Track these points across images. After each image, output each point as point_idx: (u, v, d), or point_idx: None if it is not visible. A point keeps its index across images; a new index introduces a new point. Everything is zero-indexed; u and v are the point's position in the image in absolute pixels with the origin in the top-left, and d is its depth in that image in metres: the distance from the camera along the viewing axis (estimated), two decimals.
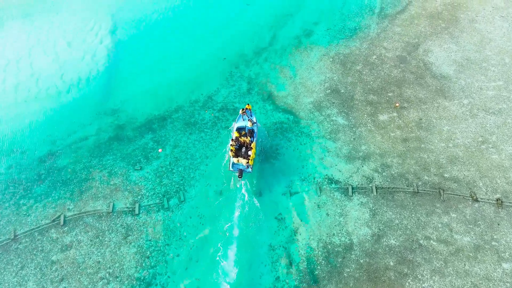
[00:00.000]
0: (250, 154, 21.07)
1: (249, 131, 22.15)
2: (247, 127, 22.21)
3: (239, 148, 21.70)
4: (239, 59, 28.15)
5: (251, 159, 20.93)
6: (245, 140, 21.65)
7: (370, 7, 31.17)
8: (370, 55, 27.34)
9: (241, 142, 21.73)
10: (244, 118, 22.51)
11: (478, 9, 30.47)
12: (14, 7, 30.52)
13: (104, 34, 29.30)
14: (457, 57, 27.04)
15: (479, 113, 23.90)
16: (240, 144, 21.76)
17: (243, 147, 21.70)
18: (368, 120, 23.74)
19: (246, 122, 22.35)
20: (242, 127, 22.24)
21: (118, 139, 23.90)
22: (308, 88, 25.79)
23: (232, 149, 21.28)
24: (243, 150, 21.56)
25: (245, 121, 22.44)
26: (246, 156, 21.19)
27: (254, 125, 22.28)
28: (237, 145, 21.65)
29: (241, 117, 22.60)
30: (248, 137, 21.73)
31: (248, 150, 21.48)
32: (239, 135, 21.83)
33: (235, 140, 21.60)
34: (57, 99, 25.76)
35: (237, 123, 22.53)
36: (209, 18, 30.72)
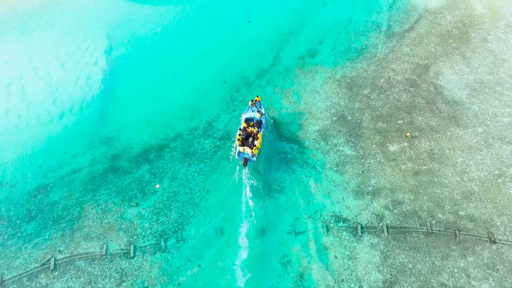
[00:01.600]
0: (256, 144, 21.70)
1: (257, 122, 22.93)
2: (255, 118, 23.02)
3: (246, 138, 22.40)
4: (240, 82, 26.84)
5: (255, 148, 21.56)
6: (253, 131, 22.38)
7: (377, 25, 29.86)
8: (378, 78, 26.05)
9: (248, 132, 22.42)
10: (253, 109, 23.42)
11: (490, 27, 29.17)
12: (4, 25, 29.36)
13: (99, 55, 27.98)
14: (469, 80, 25.75)
15: (494, 142, 22.63)
16: (247, 134, 22.45)
17: (250, 137, 22.41)
18: (377, 151, 22.47)
19: (255, 113, 23.18)
20: (251, 118, 23.21)
21: (113, 171, 22.62)
22: (313, 114, 24.49)
23: (239, 139, 22.04)
24: (250, 140, 22.28)
25: (254, 112, 23.36)
26: (252, 146, 21.77)
27: (263, 116, 23.11)
28: (244, 135, 22.35)
29: (250, 108, 23.57)
30: (255, 127, 22.45)
31: (254, 140, 22.10)
32: (247, 126, 22.64)
33: (243, 130, 22.36)
34: (49, 126, 24.43)
35: (246, 114, 23.59)
36: (209, 38, 29.35)
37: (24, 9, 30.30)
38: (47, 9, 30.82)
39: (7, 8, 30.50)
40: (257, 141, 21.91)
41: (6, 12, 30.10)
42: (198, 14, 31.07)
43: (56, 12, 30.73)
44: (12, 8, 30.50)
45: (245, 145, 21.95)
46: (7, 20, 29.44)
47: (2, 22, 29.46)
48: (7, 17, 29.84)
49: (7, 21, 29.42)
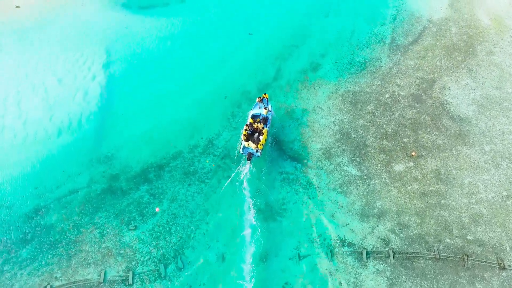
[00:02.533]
0: (261, 139, 22.31)
1: (263, 118, 23.35)
2: (262, 115, 23.44)
3: (252, 133, 22.89)
4: (242, 97, 26.24)
5: (260, 143, 22.17)
6: (258, 127, 22.90)
7: (381, 37, 29.25)
8: (383, 94, 25.49)
9: (254, 128, 22.92)
10: (260, 105, 23.93)
11: (496, 39, 28.57)
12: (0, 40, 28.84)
13: (97, 69, 27.37)
14: (475, 96, 25.18)
15: (502, 162, 22.07)
16: (253, 129, 22.94)
17: (255, 133, 22.89)
18: (382, 171, 21.91)
19: (262, 110, 23.62)
20: (257, 114, 23.68)
21: (111, 192, 22.03)
22: (316, 132, 23.94)
23: (245, 134, 22.49)
24: (255, 135, 22.75)
25: (260, 109, 23.79)
26: (257, 141, 22.26)
27: (269, 113, 23.65)
28: (250, 131, 22.84)
29: (257, 104, 24.05)
30: (261, 124, 22.99)
31: (260, 135, 22.67)
32: (253, 121, 23.17)
33: (249, 126, 22.90)
34: (46, 144, 23.82)
35: (253, 110, 24.07)
36: (209, 51, 28.74)
37: (20, 23, 29.74)
38: (44, 22, 30.27)
39: (2, 22, 30.01)
40: (262, 137, 22.54)
41: (2, 26, 29.61)
42: (198, 26, 30.46)
43: (53, 25, 30.15)
44: (7, 22, 29.96)
45: (250, 140, 22.45)
46: (2, 34, 28.92)
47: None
48: (3, 31, 29.35)
49: (3, 35, 28.90)
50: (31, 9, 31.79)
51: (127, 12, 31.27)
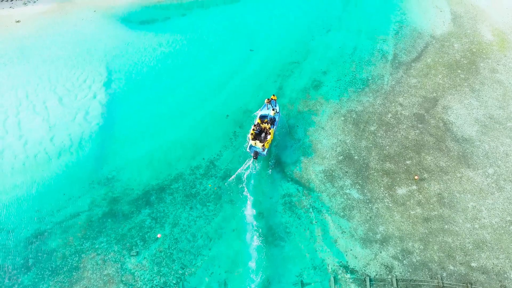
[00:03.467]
0: (268, 138, 23.37)
1: (271, 119, 24.30)
2: (269, 115, 24.42)
3: (259, 133, 23.97)
4: (243, 116, 26.11)
5: (266, 142, 23.12)
6: (266, 127, 23.94)
7: (383, 54, 29.12)
8: (385, 113, 25.35)
9: (261, 128, 24.02)
10: (268, 107, 24.90)
11: (499, 56, 28.42)
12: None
13: (98, 88, 27.26)
14: (479, 115, 25.05)
15: (506, 185, 21.93)
16: (261, 129, 24.03)
17: (262, 133, 23.98)
18: (385, 195, 21.79)
19: (270, 111, 24.61)
20: (265, 115, 24.72)
21: (112, 215, 21.92)
22: (319, 153, 23.81)
23: (252, 133, 23.52)
24: (262, 135, 23.85)
25: (268, 110, 24.81)
26: (263, 141, 23.35)
27: (276, 114, 24.60)
28: (258, 130, 23.92)
29: (265, 106, 25.01)
30: (268, 124, 23.97)
31: (266, 135, 23.75)
32: (261, 122, 24.22)
33: (256, 126, 23.96)
34: (47, 166, 23.72)
35: (261, 111, 25.02)
36: (210, 69, 28.65)
37: (21, 39, 29.63)
38: (44, 38, 30.19)
39: (3, 38, 29.84)
40: (269, 137, 23.53)
41: (2, 43, 29.44)
42: (198, 42, 30.38)
43: (54, 41, 30.08)
44: (8, 37, 29.80)
45: (257, 140, 23.29)
46: (3, 52, 28.75)
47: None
48: (3, 47, 29.18)
49: (3, 52, 28.73)
50: (31, 24, 31.73)
51: (128, 27, 31.22)
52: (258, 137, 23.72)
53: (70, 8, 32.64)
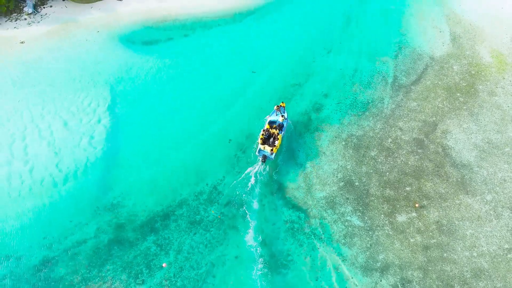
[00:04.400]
0: (276, 143, 24.67)
1: (279, 125, 25.75)
2: (278, 121, 25.84)
3: (267, 137, 25.24)
4: (245, 141, 26.46)
5: (275, 148, 24.50)
6: (274, 132, 25.28)
7: (383, 76, 29.49)
8: (385, 138, 25.76)
9: (270, 133, 25.31)
10: (277, 113, 26.26)
11: (498, 78, 28.80)
12: (4, 83, 28.98)
13: (102, 112, 27.63)
14: (477, 140, 25.45)
15: (504, 212, 22.38)
16: (269, 134, 25.31)
17: (271, 138, 25.23)
18: (385, 222, 22.23)
19: (278, 117, 26.01)
20: (274, 121, 26.14)
21: (118, 242, 22.37)
22: (320, 178, 24.24)
23: (262, 138, 24.82)
24: (271, 140, 25.10)
25: (277, 116, 26.16)
26: (272, 145, 24.58)
27: (285, 120, 26.02)
28: (266, 135, 25.19)
29: (274, 112, 26.39)
30: (277, 130, 25.36)
31: (275, 140, 24.92)
32: (269, 127, 25.59)
33: (265, 131, 25.28)
34: (53, 192, 24.11)
35: (270, 116, 26.37)
36: (213, 91, 28.97)
37: (25, 64, 29.95)
38: (49, 60, 30.50)
39: (7, 59, 30.20)
40: (277, 142, 24.82)
41: (7, 65, 29.81)
42: (200, 63, 30.72)
43: (58, 63, 30.40)
44: (13, 59, 30.15)
45: (266, 144, 24.64)
46: (8, 77, 29.13)
47: (2, 79, 29.24)
48: (9, 70, 29.56)
49: (8, 77, 29.12)
50: (35, 45, 32.01)
51: (131, 48, 31.50)
52: (267, 141, 25.16)
53: (74, 28, 32.95)
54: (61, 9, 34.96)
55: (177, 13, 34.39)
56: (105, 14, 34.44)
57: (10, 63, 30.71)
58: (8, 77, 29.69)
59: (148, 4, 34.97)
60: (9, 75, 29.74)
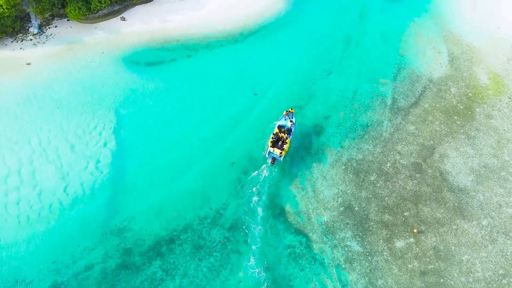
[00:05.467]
0: (285, 147, 26.17)
1: (288, 129, 27.20)
2: (287, 126, 27.34)
3: (276, 141, 26.65)
4: (248, 163, 27.15)
5: (284, 151, 26.04)
6: (283, 136, 26.73)
7: (382, 98, 30.13)
8: (384, 162, 26.42)
9: (279, 137, 26.70)
10: (286, 118, 27.81)
11: (494, 101, 29.45)
12: (12, 107, 29.67)
13: (108, 135, 28.28)
14: (474, 164, 26.11)
15: (498, 237, 23.06)
16: (278, 138, 26.75)
17: (280, 141, 26.64)
18: (384, 247, 22.92)
19: (287, 122, 27.45)
20: (283, 125, 27.58)
21: (125, 267, 23.06)
22: (321, 203, 24.90)
23: (271, 141, 26.33)
24: (280, 143, 26.51)
25: (286, 121, 27.62)
26: (281, 148, 25.92)
27: (293, 125, 27.47)
28: (276, 139, 26.64)
29: (283, 117, 27.97)
30: (285, 134, 26.80)
31: (283, 144, 26.32)
32: (278, 131, 27.01)
33: (275, 134, 26.76)
34: (61, 217, 24.82)
35: (279, 121, 27.83)
36: (216, 114, 29.60)
37: (32, 87, 30.57)
38: (55, 81, 31.12)
39: (14, 87, 30.80)
40: (285, 145, 26.33)
41: (14, 91, 30.42)
42: (205, 87, 31.34)
43: (64, 84, 31.05)
44: (20, 86, 30.75)
45: (275, 147, 26.12)
46: (16, 101, 29.76)
47: (11, 101, 29.92)
48: (14, 96, 30.19)
49: (16, 101, 29.74)
50: (41, 67, 32.61)
51: (135, 70, 32.12)
52: (276, 144, 26.58)
53: (78, 49, 33.56)
54: (66, 29, 35.63)
55: (180, 34, 35.05)
56: (109, 35, 35.10)
57: (17, 85, 31.32)
58: (16, 99, 30.35)
59: (151, 25, 35.63)
60: (17, 97, 30.41)
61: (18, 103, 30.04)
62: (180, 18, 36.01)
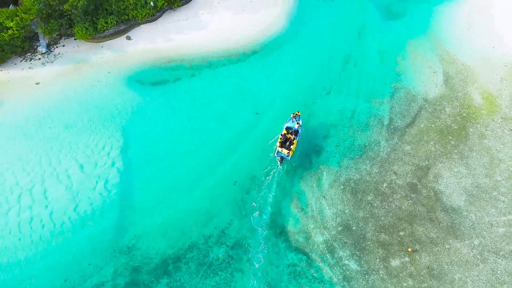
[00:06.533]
0: (292, 148, 28.22)
1: (295, 131, 29.30)
2: (294, 128, 29.48)
3: (285, 141, 28.78)
4: (250, 183, 28.28)
5: (291, 151, 28.14)
6: (290, 137, 28.82)
7: (379, 118, 31.23)
8: (381, 183, 27.55)
9: (287, 138, 28.81)
10: (293, 120, 29.94)
11: (487, 121, 30.55)
12: (22, 125, 30.85)
13: (116, 155, 29.43)
14: (467, 184, 27.23)
15: (489, 256, 24.21)
16: (286, 138, 28.85)
17: (288, 141, 28.74)
18: (380, 266, 24.08)
19: (294, 124, 29.63)
20: (290, 127, 29.71)
21: (134, 285, 24.21)
22: (320, 223, 26.06)
23: (280, 141, 28.49)
24: (287, 143, 28.62)
25: (293, 123, 29.76)
26: (288, 148, 28.05)
27: (300, 127, 29.63)
28: (284, 139, 28.76)
29: (291, 119, 30.06)
30: (293, 135, 28.91)
31: (290, 144, 28.42)
32: (286, 132, 28.95)
33: (283, 135, 28.79)
34: (72, 235, 26.04)
35: (287, 123, 30.00)
36: (220, 133, 30.73)
37: (42, 107, 31.75)
38: (64, 105, 32.33)
39: (24, 107, 31.94)
40: (292, 146, 28.41)
41: (24, 111, 31.56)
42: (208, 107, 32.49)
43: (72, 104, 32.26)
44: (30, 106, 31.90)
45: (283, 147, 28.31)
46: (26, 120, 30.87)
47: (22, 121, 31.03)
48: (25, 116, 31.32)
49: (27, 121, 30.85)
50: (50, 86, 33.82)
51: (141, 90, 33.30)
52: (284, 144, 28.65)
53: (85, 69, 34.69)
54: (73, 48, 36.76)
55: (184, 53, 36.17)
56: (115, 54, 36.23)
57: (28, 104, 32.53)
58: (28, 119, 31.58)
59: (156, 44, 36.75)
60: (28, 117, 31.63)
61: (29, 123, 31.28)
62: (184, 37, 37.14)
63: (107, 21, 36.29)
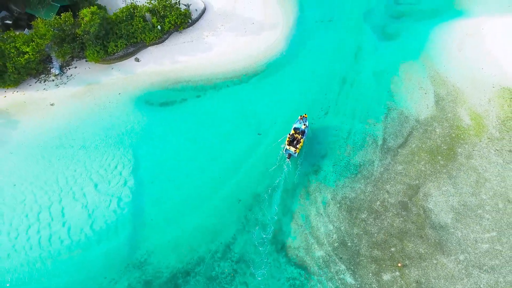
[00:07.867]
0: (298, 146, 31.68)
1: (301, 131, 32.93)
2: (301, 128, 33.09)
3: (292, 140, 32.53)
4: (253, 201, 30.40)
5: (298, 148, 31.67)
6: (297, 137, 32.51)
7: (373, 139, 33.29)
8: (374, 201, 29.63)
9: (294, 137, 32.56)
10: (300, 122, 33.59)
11: (475, 141, 32.59)
12: (39, 145, 32.94)
13: (127, 174, 31.57)
14: (454, 203, 29.30)
15: (473, 271, 26.29)
16: (293, 138, 32.62)
17: (295, 140, 32.42)
18: (373, 280, 26.16)
19: (301, 125, 33.27)
20: (298, 127, 33.27)
21: None
22: (318, 239, 28.15)
23: (288, 140, 32.21)
24: (295, 142, 32.24)
25: (300, 124, 33.40)
26: (295, 146, 31.78)
27: (306, 128, 33.22)
28: (291, 138, 32.53)
29: (298, 120, 33.75)
30: (300, 135, 32.61)
31: (297, 143, 32.03)
32: (294, 132, 32.78)
33: (291, 135, 32.65)
34: (89, 251, 28.16)
35: (295, 124, 33.56)
36: (224, 153, 32.86)
37: (58, 128, 33.84)
38: (78, 126, 34.44)
39: (41, 128, 34.04)
40: (299, 144, 31.94)
41: (41, 132, 33.67)
42: (213, 128, 34.60)
43: (86, 129, 34.37)
44: (47, 128, 33.99)
45: (290, 145, 31.88)
46: (44, 142, 32.97)
47: (38, 143, 33.14)
48: (41, 136, 33.42)
49: (45, 142, 32.95)
50: (64, 107, 35.94)
51: (149, 111, 35.47)
52: (291, 143, 32.25)
53: (97, 90, 36.78)
54: (85, 69, 38.83)
55: (190, 75, 38.28)
56: (125, 75, 38.32)
57: (44, 125, 34.67)
58: (44, 139, 33.73)
59: (163, 66, 38.84)
60: (45, 137, 33.76)
61: (46, 143, 33.41)
62: (189, 59, 39.23)
63: (117, 44, 38.37)
